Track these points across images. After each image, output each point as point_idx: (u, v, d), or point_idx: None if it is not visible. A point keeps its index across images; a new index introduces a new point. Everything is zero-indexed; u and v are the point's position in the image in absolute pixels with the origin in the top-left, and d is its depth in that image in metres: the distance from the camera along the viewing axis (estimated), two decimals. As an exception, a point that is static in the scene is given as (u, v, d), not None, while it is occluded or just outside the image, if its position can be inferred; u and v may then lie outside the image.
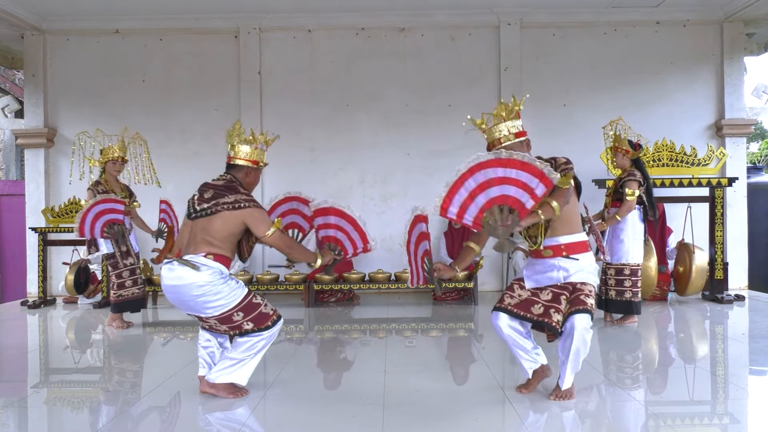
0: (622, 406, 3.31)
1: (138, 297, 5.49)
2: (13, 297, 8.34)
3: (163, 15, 7.57)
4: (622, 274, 5.27)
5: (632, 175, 5.21)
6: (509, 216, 2.85)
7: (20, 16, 7.22)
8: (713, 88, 7.66)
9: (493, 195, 2.87)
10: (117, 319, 5.47)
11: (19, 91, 11.20)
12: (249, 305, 3.23)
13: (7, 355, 4.74)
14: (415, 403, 3.28)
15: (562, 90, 7.70)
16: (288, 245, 3.37)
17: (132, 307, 5.50)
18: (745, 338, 4.96)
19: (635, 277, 5.27)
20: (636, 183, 5.19)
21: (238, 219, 3.20)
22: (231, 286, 3.21)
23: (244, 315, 3.21)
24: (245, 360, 3.27)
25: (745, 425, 3.07)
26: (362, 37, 7.76)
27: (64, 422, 3.26)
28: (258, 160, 3.39)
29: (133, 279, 5.46)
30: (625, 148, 5.32)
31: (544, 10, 7.55)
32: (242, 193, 3.26)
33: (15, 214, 8.57)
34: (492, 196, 2.88)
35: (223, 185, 3.28)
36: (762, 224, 8.50)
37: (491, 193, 2.87)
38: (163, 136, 7.66)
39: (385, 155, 7.73)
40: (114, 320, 5.48)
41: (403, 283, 6.53)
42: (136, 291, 5.46)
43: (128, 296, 5.43)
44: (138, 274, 5.52)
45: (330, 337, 5.31)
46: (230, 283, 3.22)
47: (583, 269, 3.13)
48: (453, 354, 4.78)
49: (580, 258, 3.12)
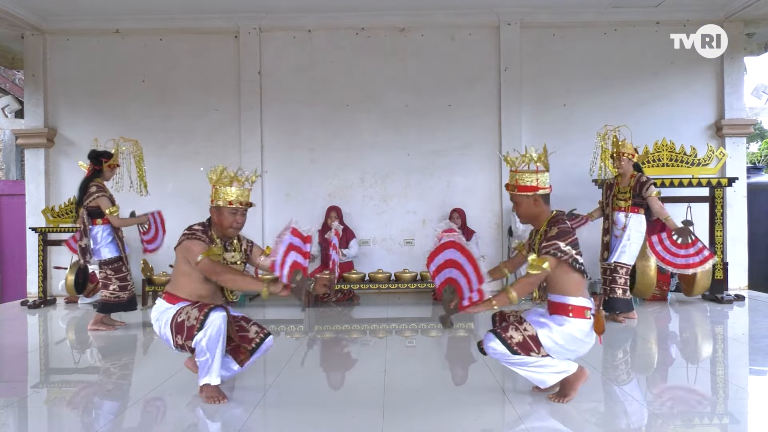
0: (623, 405, 3.32)
1: (123, 300, 5.49)
2: (13, 297, 8.34)
3: (163, 15, 7.57)
4: (627, 274, 5.52)
5: (647, 179, 5.42)
6: (452, 301, 2.99)
7: (20, 16, 7.22)
8: (713, 88, 7.67)
9: (451, 275, 3.05)
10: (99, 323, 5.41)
11: (19, 91, 11.20)
12: (176, 326, 3.25)
13: (7, 355, 4.74)
14: (415, 403, 3.28)
15: (562, 90, 7.70)
16: (216, 273, 3.24)
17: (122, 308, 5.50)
18: (745, 338, 4.97)
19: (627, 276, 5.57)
20: (654, 185, 5.41)
21: (178, 255, 3.33)
22: (166, 316, 3.31)
23: (178, 334, 3.24)
24: (205, 361, 3.25)
25: (745, 425, 3.07)
26: (362, 37, 7.76)
27: (64, 422, 3.26)
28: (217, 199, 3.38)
29: (125, 284, 5.49)
30: (631, 153, 5.45)
31: (544, 10, 7.55)
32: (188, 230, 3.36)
33: (15, 214, 8.57)
34: (449, 276, 3.06)
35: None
36: (762, 224, 8.50)
37: (452, 272, 3.05)
38: (163, 136, 7.66)
39: (385, 155, 7.73)
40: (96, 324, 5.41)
41: (403, 283, 6.53)
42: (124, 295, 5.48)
43: (123, 298, 5.45)
44: (129, 280, 5.55)
45: (330, 337, 5.31)
46: (165, 313, 3.31)
47: (558, 333, 3.03)
48: (453, 354, 4.78)
49: (565, 323, 3.03)
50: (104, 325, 5.43)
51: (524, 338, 3.02)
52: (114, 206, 5.43)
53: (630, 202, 5.43)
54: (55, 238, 7.23)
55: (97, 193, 5.38)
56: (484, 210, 7.65)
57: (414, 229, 7.72)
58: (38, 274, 7.21)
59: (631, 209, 5.44)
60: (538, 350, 3.02)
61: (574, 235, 3.06)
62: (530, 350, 3.02)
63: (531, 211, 3.15)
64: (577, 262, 3.02)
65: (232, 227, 3.37)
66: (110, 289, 5.43)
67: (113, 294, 5.42)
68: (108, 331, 5.38)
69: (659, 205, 5.40)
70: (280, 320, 6.15)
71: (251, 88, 7.67)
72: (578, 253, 3.04)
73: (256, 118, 7.65)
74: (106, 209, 5.34)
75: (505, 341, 3.02)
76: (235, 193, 3.34)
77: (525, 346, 3.02)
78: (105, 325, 5.43)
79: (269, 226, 7.67)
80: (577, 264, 3.02)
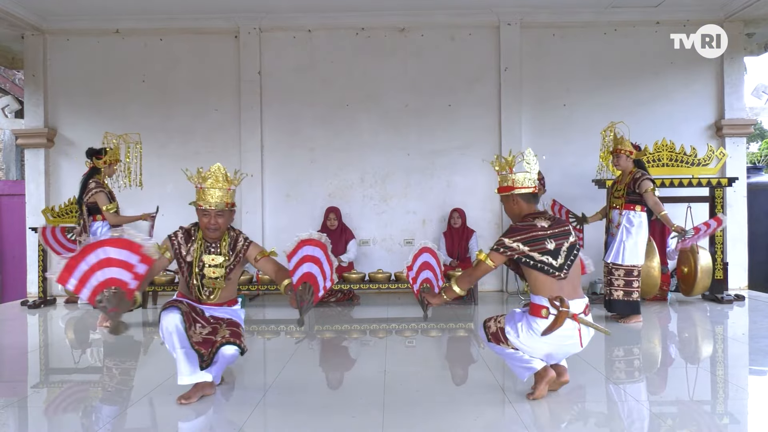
0: (623, 405, 3.32)
1: None
2: (13, 297, 8.34)
3: (163, 15, 7.57)
4: (632, 275, 5.33)
5: (642, 174, 5.30)
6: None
7: (20, 16, 7.22)
8: (713, 88, 7.66)
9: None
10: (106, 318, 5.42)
11: (19, 91, 11.20)
12: None
13: (7, 355, 4.74)
14: (415, 403, 3.28)
15: (562, 90, 7.69)
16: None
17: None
18: (745, 338, 4.97)
19: (639, 278, 5.36)
20: (649, 180, 5.28)
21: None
22: None
23: None
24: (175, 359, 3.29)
25: (745, 425, 3.07)
26: (362, 37, 7.76)
27: (64, 422, 3.26)
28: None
29: None
30: (629, 150, 5.37)
31: (544, 10, 7.54)
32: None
33: (15, 214, 8.57)
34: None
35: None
36: (762, 224, 8.50)
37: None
38: (163, 136, 7.66)
39: (385, 155, 7.73)
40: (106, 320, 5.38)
41: (403, 283, 6.53)
42: None
43: None
44: None
45: (330, 337, 5.31)
46: None
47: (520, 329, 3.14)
48: (453, 354, 4.78)
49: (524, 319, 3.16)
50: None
51: (496, 330, 3.25)
52: (111, 203, 5.43)
53: (623, 200, 5.36)
54: (55, 238, 7.23)
55: (95, 189, 5.40)
56: (484, 210, 7.65)
57: (414, 229, 7.72)
58: (38, 274, 7.21)
59: (625, 206, 5.33)
60: (507, 342, 3.20)
61: (529, 232, 3.08)
62: (499, 341, 3.23)
63: (512, 209, 3.28)
64: (533, 260, 3.06)
65: (208, 229, 3.33)
66: None
67: None
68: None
69: (654, 200, 5.24)
70: (280, 320, 6.15)
71: (251, 88, 7.66)
72: (539, 251, 3.05)
73: (256, 118, 7.65)
74: (102, 206, 5.35)
75: (485, 329, 3.32)
76: (206, 195, 3.31)
77: (496, 337, 3.24)
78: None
79: (269, 225, 7.67)
80: (531, 262, 3.06)
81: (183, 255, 3.39)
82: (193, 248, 3.38)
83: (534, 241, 3.07)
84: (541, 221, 3.13)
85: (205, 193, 3.32)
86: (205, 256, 3.36)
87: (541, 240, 3.06)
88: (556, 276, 3.07)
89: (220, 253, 3.38)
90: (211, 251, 3.39)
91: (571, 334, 3.07)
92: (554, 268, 3.06)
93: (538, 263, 3.06)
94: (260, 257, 3.44)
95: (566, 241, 3.11)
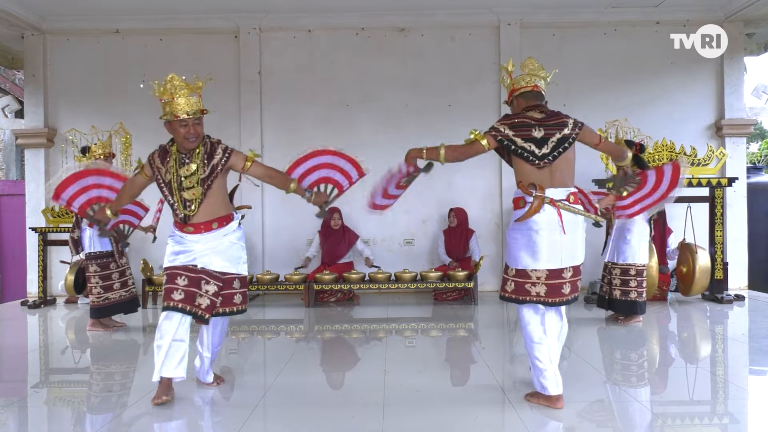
0: (623, 405, 3.31)
1: (126, 299, 5.38)
2: (13, 297, 8.35)
3: (163, 15, 7.57)
4: (628, 274, 5.28)
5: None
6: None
7: (20, 16, 7.23)
8: (713, 88, 7.67)
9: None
10: (97, 325, 5.35)
11: (19, 91, 11.20)
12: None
13: (7, 355, 4.74)
14: (415, 403, 3.28)
15: (562, 90, 7.67)
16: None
17: (122, 309, 5.38)
18: (745, 338, 4.97)
19: (640, 278, 5.28)
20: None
21: None
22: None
23: None
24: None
25: (745, 425, 3.07)
26: (362, 37, 7.76)
27: (64, 422, 3.26)
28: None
29: (123, 281, 5.34)
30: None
31: (544, 10, 7.55)
32: None
33: (15, 214, 8.57)
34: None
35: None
36: (762, 224, 8.50)
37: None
38: (164, 136, 7.64)
39: (385, 155, 7.65)
40: (94, 325, 5.36)
41: (403, 283, 6.53)
42: (124, 294, 5.34)
43: (116, 299, 5.30)
44: (128, 275, 5.42)
45: (330, 337, 5.31)
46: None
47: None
48: (453, 354, 4.78)
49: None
50: (102, 326, 5.37)
51: (508, 279, 3.21)
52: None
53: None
54: (55, 238, 7.23)
55: None
56: (484, 210, 7.65)
57: (414, 229, 7.72)
58: (38, 274, 7.21)
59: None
60: (507, 271, 3.21)
61: (518, 118, 3.15)
62: (521, 291, 3.13)
63: (513, 110, 3.35)
64: (515, 145, 3.10)
65: (187, 139, 3.28)
66: (95, 293, 5.26)
67: (99, 296, 5.26)
68: (105, 332, 5.32)
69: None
70: (279, 320, 6.15)
71: (251, 88, 7.67)
72: (523, 137, 3.09)
73: (256, 117, 7.65)
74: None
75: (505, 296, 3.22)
76: (182, 104, 3.25)
77: (517, 288, 3.15)
78: (103, 326, 5.38)
79: (269, 225, 7.67)
80: (513, 146, 3.11)
81: (163, 174, 3.34)
82: (169, 165, 3.32)
83: (520, 126, 3.13)
84: (536, 113, 3.18)
85: (177, 104, 3.25)
86: (181, 169, 3.31)
87: (527, 127, 3.12)
88: (536, 165, 3.10)
89: (192, 162, 3.31)
90: (186, 162, 3.32)
91: (550, 218, 3.04)
92: (534, 156, 3.09)
93: (519, 149, 3.10)
94: (249, 164, 3.41)
95: (558, 132, 3.12)
